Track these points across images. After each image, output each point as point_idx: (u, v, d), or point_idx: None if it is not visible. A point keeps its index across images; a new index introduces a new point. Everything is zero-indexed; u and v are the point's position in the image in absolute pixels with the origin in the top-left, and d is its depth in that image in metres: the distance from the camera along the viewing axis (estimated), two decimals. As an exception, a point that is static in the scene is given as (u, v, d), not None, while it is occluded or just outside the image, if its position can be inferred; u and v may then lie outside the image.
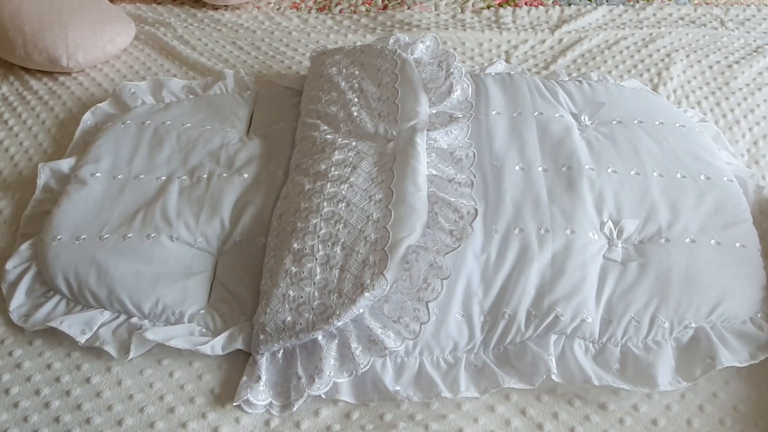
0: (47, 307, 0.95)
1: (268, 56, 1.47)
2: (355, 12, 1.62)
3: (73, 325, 0.92)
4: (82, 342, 0.91)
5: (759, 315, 0.93)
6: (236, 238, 1.02)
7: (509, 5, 1.61)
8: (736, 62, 1.43)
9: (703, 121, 1.25)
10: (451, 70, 1.12)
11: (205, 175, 1.10)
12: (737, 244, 0.99)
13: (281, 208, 1.02)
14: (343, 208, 0.95)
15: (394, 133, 1.05)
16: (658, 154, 1.09)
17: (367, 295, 0.85)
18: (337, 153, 1.04)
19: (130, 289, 0.94)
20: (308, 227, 0.94)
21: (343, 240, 0.92)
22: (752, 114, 1.30)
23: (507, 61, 1.45)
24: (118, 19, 1.46)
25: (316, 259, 0.90)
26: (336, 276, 0.88)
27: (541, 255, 0.94)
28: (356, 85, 1.15)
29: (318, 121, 1.12)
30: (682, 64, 1.41)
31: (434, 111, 1.09)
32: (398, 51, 1.16)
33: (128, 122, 1.20)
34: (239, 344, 0.90)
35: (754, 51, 1.47)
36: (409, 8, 1.61)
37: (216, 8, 1.64)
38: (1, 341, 0.94)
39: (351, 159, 1.03)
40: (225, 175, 1.10)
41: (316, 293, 0.88)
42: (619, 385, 0.87)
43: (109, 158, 1.13)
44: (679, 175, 1.06)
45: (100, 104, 1.29)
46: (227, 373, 0.91)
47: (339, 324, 0.86)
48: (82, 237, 1.00)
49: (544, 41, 1.50)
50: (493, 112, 1.14)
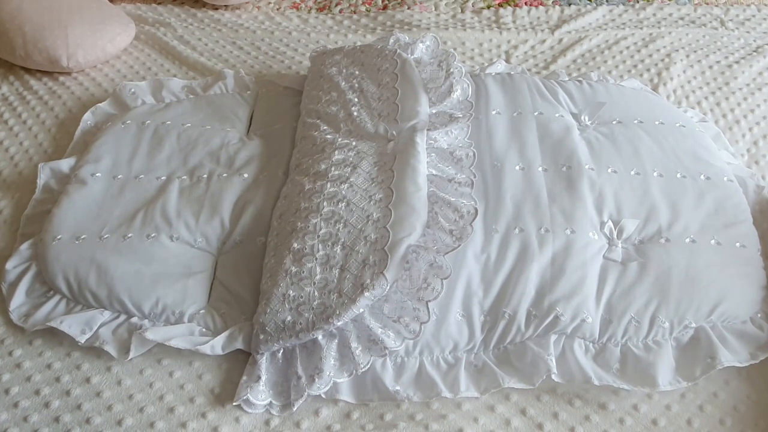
0: (47, 307, 0.95)
1: (268, 56, 1.47)
2: (355, 12, 1.62)
3: (73, 325, 0.92)
4: (82, 342, 0.91)
5: (759, 315, 0.93)
6: (236, 238, 1.02)
7: (509, 5, 1.61)
8: (736, 62, 1.43)
9: (703, 121, 1.25)
10: (451, 70, 1.12)
11: (205, 175, 1.10)
12: (737, 244, 0.98)
13: (281, 208, 1.02)
14: (343, 207, 0.95)
15: (394, 132, 1.05)
16: (658, 154, 1.09)
17: (367, 294, 0.85)
18: (337, 153, 1.04)
19: (130, 288, 0.94)
20: (308, 227, 0.94)
21: (343, 240, 0.91)
22: (752, 114, 1.30)
23: (507, 61, 1.45)
24: (118, 19, 1.45)
25: (316, 259, 0.90)
26: (336, 276, 0.88)
27: (542, 255, 0.94)
28: (356, 85, 1.14)
29: (318, 121, 1.12)
30: (682, 64, 1.41)
31: (434, 111, 1.08)
32: (398, 51, 1.16)
33: (128, 122, 1.20)
34: (239, 344, 0.90)
35: (754, 51, 1.47)
36: (409, 8, 1.61)
37: (216, 8, 1.64)
38: (1, 341, 0.94)
39: (351, 159, 1.03)
40: (225, 175, 1.10)
41: (316, 293, 0.88)
42: (619, 385, 0.86)
43: (109, 158, 1.13)
44: (679, 175, 1.06)
45: (100, 104, 1.29)
46: (227, 373, 0.91)
47: (339, 324, 0.85)
48: (82, 237, 1.00)
49: (544, 41, 1.50)
50: (493, 112, 1.14)
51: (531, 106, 1.15)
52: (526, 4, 1.61)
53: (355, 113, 1.10)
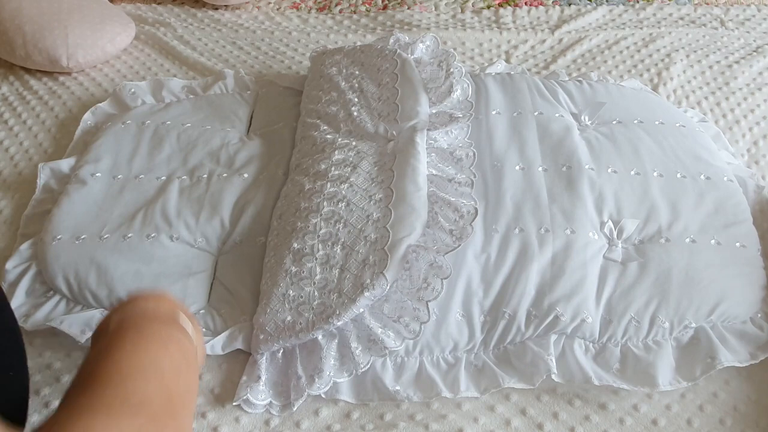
0: (47, 307, 0.95)
1: (268, 56, 1.47)
2: (355, 12, 1.62)
3: (73, 325, 0.91)
4: (83, 342, 0.91)
5: (759, 315, 0.93)
6: (236, 238, 1.02)
7: (509, 5, 1.61)
8: (736, 62, 1.42)
9: (703, 121, 1.25)
10: (451, 70, 1.12)
11: (205, 175, 1.10)
12: (737, 244, 0.98)
13: (281, 208, 1.02)
14: (343, 207, 0.95)
15: (394, 132, 1.05)
16: (658, 154, 1.09)
17: (367, 294, 0.85)
18: (337, 153, 1.04)
19: (130, 288, 0.94)
20: (308, 227, 0.94)
21: (343, 240, 0.91)
22: (752, 114, 1.30)
23: (507, 61, 1.45)
24: (118, 19, 1.45)
25: (316, 259, 0.90)
26: (336, 275, 0.88)
27: (542, 255, 0.94)
28: (356, 85, 1.14)
29: (318, 121, 1.12)
30: (682, 64, 1.41)
31: (434, 111, 1.08)
32: (398, 51, 1.16)
33: (128, 122, 1.20)
34: (239, 344, 0.90)
35: (754, 51, 1.46)
36: (409, 8, 1.61)
37: (216, 8, 1.64)
38: (1, 341, 0.94)
39: (351, 159, 1.03)
40: (225, 174, 1.10)
41: (316, 293, 0.88)
42: (619, 385, 0.86)
43: (109, 158, 1.13)
44: (679, 175, 1.06)
45: (100, 104, 1.28)
46: (227, 373, 0.91)
47: (339, 323, 0.85)
48: (82, 237, 1.00)
49: (544, 41, 1.50)
50: (493, 112, 1.14)
51: (531, 105, 1.15)
52: (526, 4, 1.61)
53: (355, 113, 1.10)
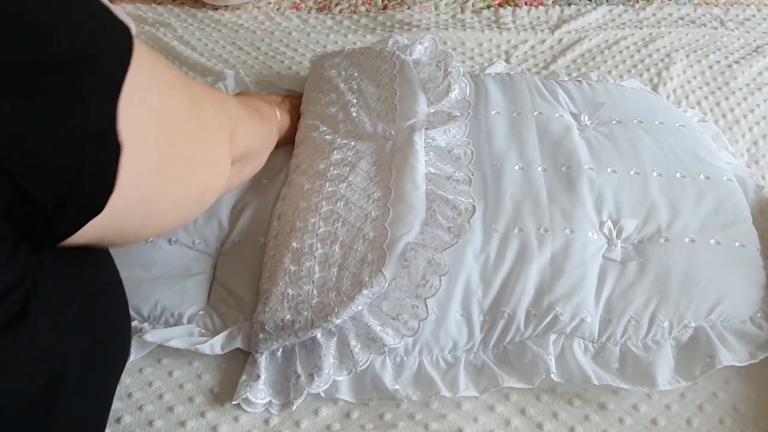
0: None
1: (268, 56, 1.47)
2: (355, 12, 1.62)
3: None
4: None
5: (759, 314, 0.93)
6: (235, 239, 1.02)
7: (509, 5, 1.61)
8: (736, 62, 1.42)
9: (702, 120, 1.25)
10: (449, 70, 1.12)
11: (205, 175, 1.10)
12: (737, 244, 0.98)
13: (280, 209, 1.01)
14: (342, 206, 0.95)
15: (393, 132, 1.05)
16: (658, 153, 1.09)
17: (365, 292, 0.85)
18: (336, 153, 1.04)
19: (129, 293, 0.93)
20: (307, 226, 0.94)
21: (341, 238, 0.91)
22: (752, 114, 1.30)
23: (507, 61, 1.44)
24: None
25: (315, 258, 0.90)
26: (335, 274, 0.88)
27: (541, 254, 0.94)
28: (355, 87, 1.14)
29: (317, 122, 1.12)
30: (681, 64, 1.41)
31: (432, 110, 1.08)
32: (397, 52, 1.16)
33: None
34: (238, 343, 0.90)
35: (754, 51, 1.46)
36: (409, 8, 1.61)
37: (216, 8, 1.64)
38: (0, 342, 0.94)
39: (350, 158, 1.02)
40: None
41: (315, 291, 0.88)
42: (619, 384, 0.86)
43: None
44: (678, 175, 1.06)
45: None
46: (226, 373, 0.91)
47: (338, 322, 0.85)
48: (81, 241, 1.00)
49: (544, 41, 1.50)
50: (493, 112, 1.14)
51: (530, 105, 1.15)
52: (526, 4, 1.61)
53: (354, 114, 1.10)
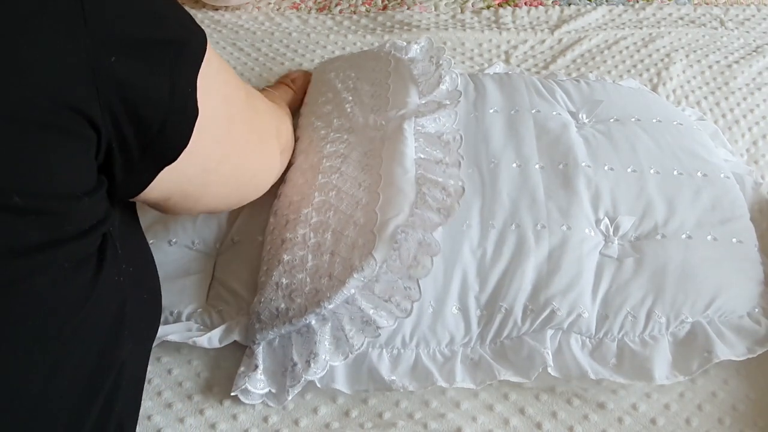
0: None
1: (268, 57, 1.48)
2: (355, 12, 1.62)
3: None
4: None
5: (756, 310, 0.93)
6: (233, 238, 1.03)
7: (509, 5, 1.61)
8: (736, 62, 1.43)
9: (701, 119, 1.25)
10: (440, 62, 1.12)
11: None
12: (734, 240, 0.98)
13: (276, 205, 1.02)
14: (334, 196, 0.96)
15: (383, 122, 1.05)
16: (655, 151, 1.09)
17: (356, 276, 0.85)
18: (329, 146, 1.04)
19: None
20: (300, 217, 0.94)
21: (333, 226, 0.92)
22: (752, 114, 1.30)
23: (506, 61, 1.45)
24: (119, 20, 1.46)
25: (308, 247, 0.91)
26: (327, 261, 0.88)
27: (538, 250, 0.94)
28: (351, 85, 1.15)
29: (313, 119, 1.13)
30: (681, 63, 1.41)
31: (423, 101, 1.08)
32: (393, 52, 1.17)
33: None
34: (236, 336, 0.91)
35: (754, 51, 1.46)
36: (409, 8, 1.61)
37: (216, 9, 1.64)
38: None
39: (342, 150, 1.03)
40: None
41: (308, 279, 0.88)
42: (616, 379, 0.86)
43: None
44: (675, 172, 1.06)
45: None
46: (226, 372, 0.91)
47: (330, 306, 0.85)
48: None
49: (543, 41, 1.50)
50: (491, 110, 1.14)
51: (528, 104, 1.15)
52: (525, 4, 1.61)
53: (348, 109, 1.10)
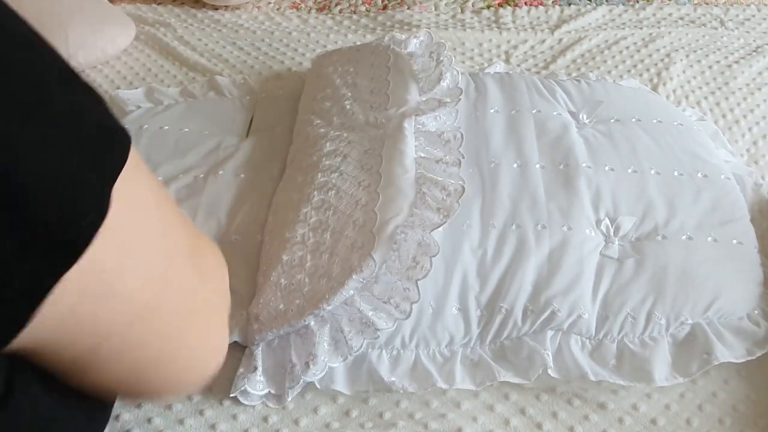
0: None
1: (268, 57, 1.48)
2: (355, 12, 1.62)
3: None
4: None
5: (756, 311, 0.93)
6: (233, 236, 1.02)
7: (509, 5, 1.61)
8: (736, 62, 1.42)
9: (701, 119, 1.25)
10: (441, 59, 1.12)
11: (202, 176, 1.10)
12: (734, 241, 0.98)
13: (275, 204, 1.02)
14: (333, 195, 0.95)
15: (384, 120, 1.05)
16: (656, 152, 1.09)
17: (355, 277, 0.84)
18: (328, 144, 1.04)
19: None
20: (299, 217, 0.94)
21: (332, 226, 0.91)
22: (752, 114, 1.30)
23: (507, 61, 1.45)
24: (118, 20, 1.46)
25: (307, 247, 0.90)
26: (326, 261, 0.88)
27: (538, 251, 0.94)
28: (350, 81, 1.15)
29: (312, 116, 1.13)
30: (681, 64, 1.41)
31: (424, 99, 1.08)
32: (392, 46, 1.17)
33: (126, 127, 1.20)
34: (235, 336, 0.90)
35: (754, 51, 1.46)
36: (409, 8, 1.61)
37: (216, 8, 1.64)
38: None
39: (341, 149, 1.03)
40: (221, 172, 1.10)
41: (306, 279, 0.88)
42: (615, 380, 0.86)
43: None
44: (676, 173, 1.06)
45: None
46: (224, 371, 0.89)
47: (329, 308, 0.85)
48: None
49: (543, 41, 1.50)
50: (491, 110, 1.14)
51: (529, 104, 1.15)
52: (525, 4, 1.61)
53: (348, 106, 1.10)
